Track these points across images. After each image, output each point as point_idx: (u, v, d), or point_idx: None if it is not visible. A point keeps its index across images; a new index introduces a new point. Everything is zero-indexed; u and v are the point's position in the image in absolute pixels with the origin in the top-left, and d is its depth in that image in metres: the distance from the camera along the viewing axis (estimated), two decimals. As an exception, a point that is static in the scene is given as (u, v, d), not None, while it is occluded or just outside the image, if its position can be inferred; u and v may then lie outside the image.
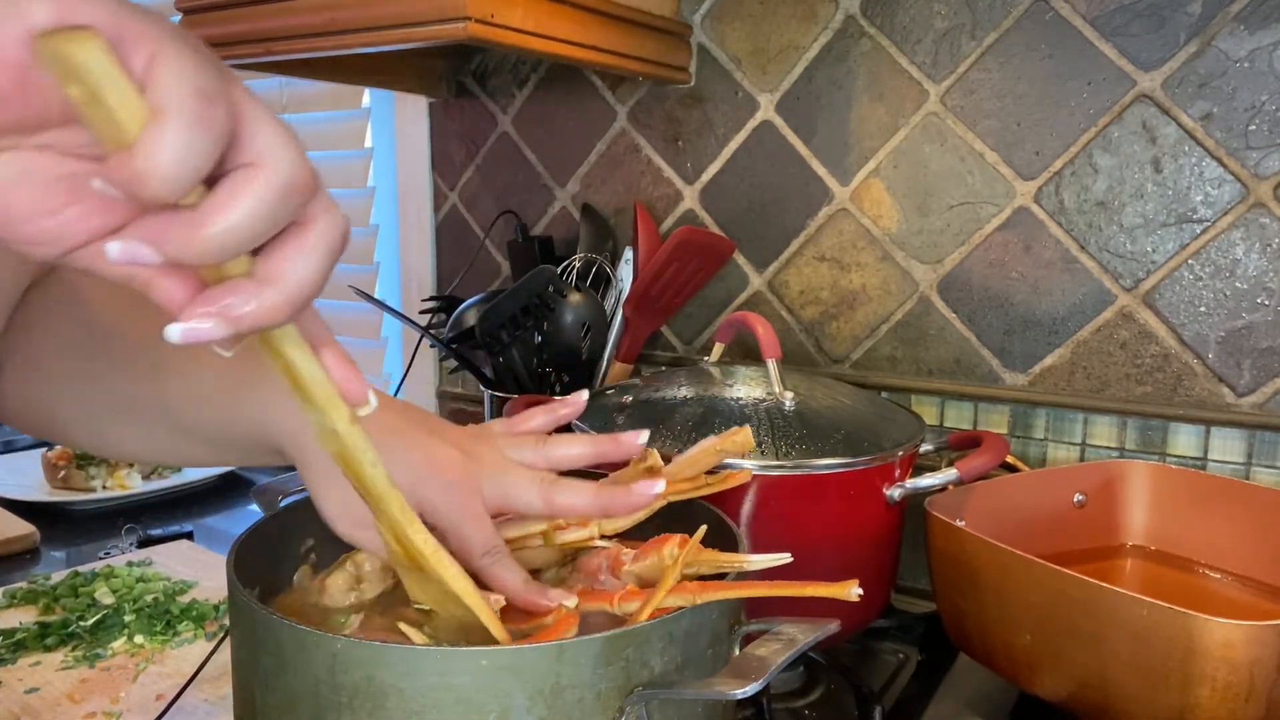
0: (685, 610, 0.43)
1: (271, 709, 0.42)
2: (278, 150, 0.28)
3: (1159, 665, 0.56)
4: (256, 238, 0.28)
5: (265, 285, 0.29)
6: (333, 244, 0.31)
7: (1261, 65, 0.80)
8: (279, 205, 0.28)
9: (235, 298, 0.29)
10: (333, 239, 0.31)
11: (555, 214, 1.23)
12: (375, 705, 0.39)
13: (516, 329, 1.02)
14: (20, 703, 0.72)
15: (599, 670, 0.40)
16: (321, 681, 0.40)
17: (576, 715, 0.40)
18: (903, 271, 0.98)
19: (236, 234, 0.27)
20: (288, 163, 0.28)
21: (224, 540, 1.11)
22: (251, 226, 0.27)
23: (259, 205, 0.27)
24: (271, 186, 0.28)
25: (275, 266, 0.30)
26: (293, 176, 0.28)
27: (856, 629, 0.80)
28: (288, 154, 0.28)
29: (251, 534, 0.51)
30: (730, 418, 0.74)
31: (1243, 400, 0.84)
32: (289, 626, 0.41)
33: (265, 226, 0.28)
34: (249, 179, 0.27)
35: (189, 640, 0.83)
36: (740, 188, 1.07)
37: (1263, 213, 0.81)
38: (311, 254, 0.30)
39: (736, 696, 0.40)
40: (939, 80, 0.94)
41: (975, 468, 0.73)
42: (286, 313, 0.30)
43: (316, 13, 0.87)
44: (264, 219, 0.28)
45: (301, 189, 0.29)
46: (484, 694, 0.39)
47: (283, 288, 0.30)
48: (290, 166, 0.28)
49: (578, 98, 1.18)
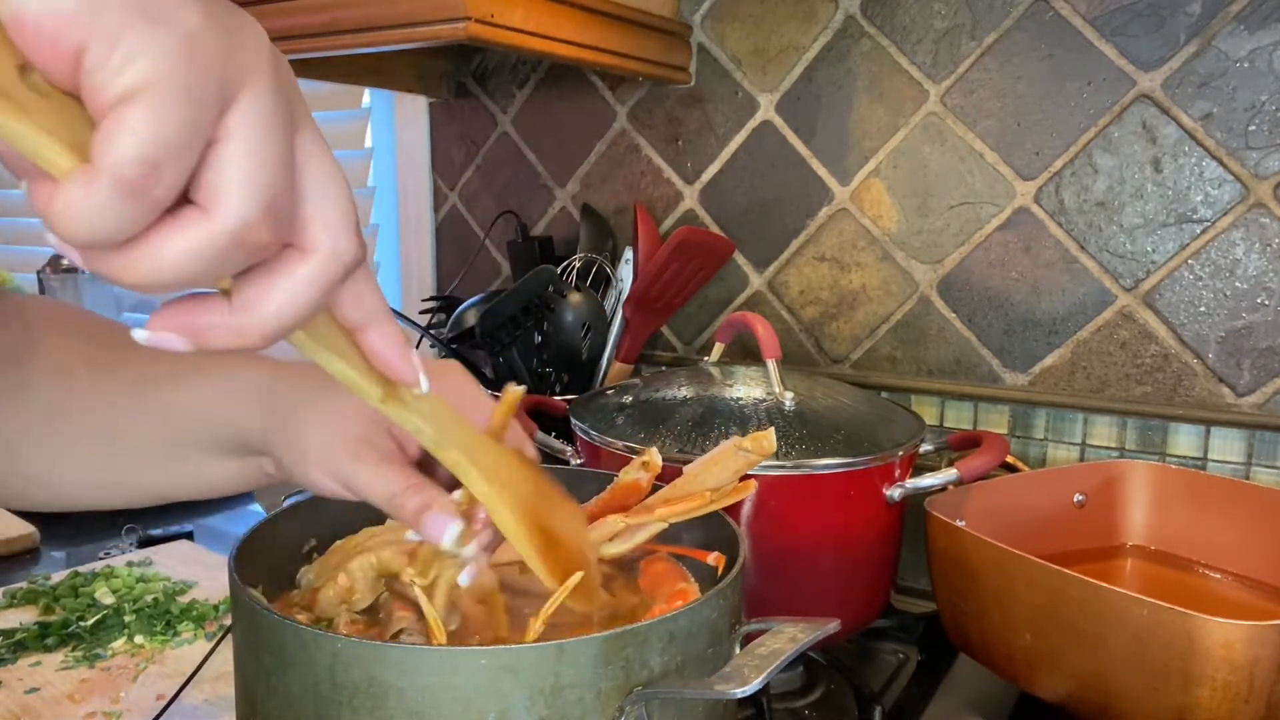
0: (684, 610, 0.43)
1: (273, 708, 0.42)
2: (233, 192, 0.24)
3: (1159, 665, 0.57)
4: (206, 278, 0.25)
5: (239, 310, 0.27)
6: (330, 280, 0.28)
7: (1261, 65, 0.80)
8: (228, 251, 0.25)
9: (206, 317, 0.27)
10: (328, 274, 0.28)
11: (555, 214, 1.23)
12: (375, 704, 0.39)
13: (516, 329, 1.02)
14: (20, 703, 0.72)
15: (598, 670, 0.40)
16: (322, 681, 0.40)
17: (576, 715, 0.40)
18: (903, 271, 0.98)
19: (178, 273, 0.24)
20: (239, 208, 0.25)
21: (224, 540, 1.11)
22: (192, 267, 0.24)
23: (202, 247, 0.24)
24: (215, 233, 0.25)
25: (254, 293, 0.27)
26: (244, 221, 0.25)
27: (856, 629, 0.80)
28: (245, 197, 0.25)
29: (253, 533, 0.51)
30: (730, 418, 0.74)
31: (1243, 400, 0.84)
32: (290, 625, 0.41)
33: (213, 269, 0.25)
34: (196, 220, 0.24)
35: (189, 640, 0.83)
36: (740, 188, 1.07)
37: (1263, 213, 0.81)
38: (298, 289, 0.27)
39: (736, 696, 0.40)
40: (939, 80, 0.94)
41: (975, 468, 0.73)
42: (260, 342, 0.28)
43: (317, 13, 0.87)
44: (207, 262, 0.25)
45: (257, 244, 0.25)
46: (484, 693, 0.39)
47: (256, 317, 0.27)
48: (241, 211, 0.24)
49: (578, 98, 1.18)
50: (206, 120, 0.23)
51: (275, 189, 0.25)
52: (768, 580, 0.72)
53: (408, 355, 0.34)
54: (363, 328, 0.32)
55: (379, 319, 0.32)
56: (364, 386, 0.34)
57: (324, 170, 0.28)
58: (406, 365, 0.34)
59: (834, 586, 0.75)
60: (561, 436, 0.82)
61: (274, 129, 0.25)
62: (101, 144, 0.22)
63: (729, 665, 0.42)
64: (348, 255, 0.28)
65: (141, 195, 0.23)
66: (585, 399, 0.85)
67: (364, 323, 0.32)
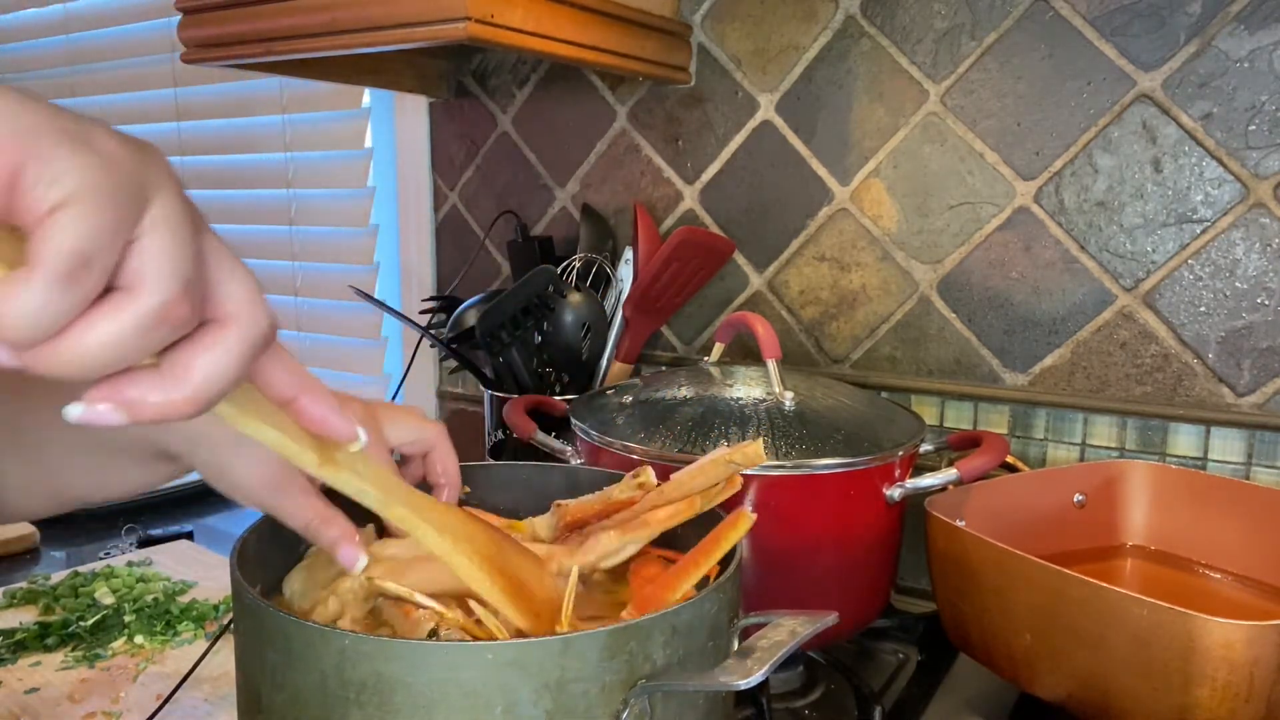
0: (686, 604, 0.44)
1: (278, 705, 0.42)
2: (154, 273, 0.27)
3: (1159, 665, 0.57)
4: (134, 354, 0.27)
5: (169, 380, 0.29)
6: (246, 346, 0.30)
7: (1261, 65, 0.80)
8: (154, 326, 0.27)
9: (137, 390, 0.29)
10: (247, 340, 0.30)
11: (555, 214, 1.23)
12: (382, 700, 0.39)
13: (516, 329, 1.02)
14: (20, 703, 0.72)
15: (603, 663, 0.40)
16: (329, 677, 0.40)
17: (581, 708, 0.40)
18: (903, 271, 0.98)
19: (109, 350, 0.27)
20: (161, 285, 0.27)
21: (224, 540, 1.11)
22: (121, 344, 0.27)
23: (130, 323, 0.27)
24: (141, 309, 0.27)
25: (180, 363, 0.29)
26: (167, 295, 0.27)
27: (856, 629, 0.80)
28: (165, 276, 0.27)
29: (254, 532, 0.51)
30: (730, 418, 0.74)
31: (1243, 400, 0.84)
32: (296, 623, 0.41)
33: (140, 345, 0.27)
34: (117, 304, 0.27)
35: (189, 640, 0.83)
36: (740, 188, 1.07)
37: (1263, 213, 0.81)
38: (221, 354, 0.29)
39: (740, 686, 0.41)
40: (939, 80, 0.94)
41: (975, 468, 0.73)
42: (191, 409, 0.29)
43: (316, 13, 0.87)
44: (134, 337, 0.27)
45: (179, 318, 0.28)
46: (490, 687, 0.39)
47: (188, 386, 0.29)
48: (163, 287, 0.27)
49: (578, 98, 1.18)
50: (128, 219, 0.26)
51: (189, 271, 0.28)
52: (768, 580, 0.72)
53: (342, 413, 0.36)
54: (294, 397, 0.35)
55: (307, 385, 0.35)
56: (298, 452, 0.36)
57: (228, 259, 0.31)
58: (342, 422, 0.36)
59: (834, 586, 0.75)
60: (561, 437, 0.82)
61: (184, 223, 0.28)
62: (39, 243, 0.25)
63: (731, 657, 0.43)
64: (262, 321, 0.31)
65: (75, 285, 0.25)
66: (585, 399, 0.85)
67: (293, 392, 0.35)
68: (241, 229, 1.58)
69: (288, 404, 0.35)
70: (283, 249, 1.52)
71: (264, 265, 1.55)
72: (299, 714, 0.41)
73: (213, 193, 1.61)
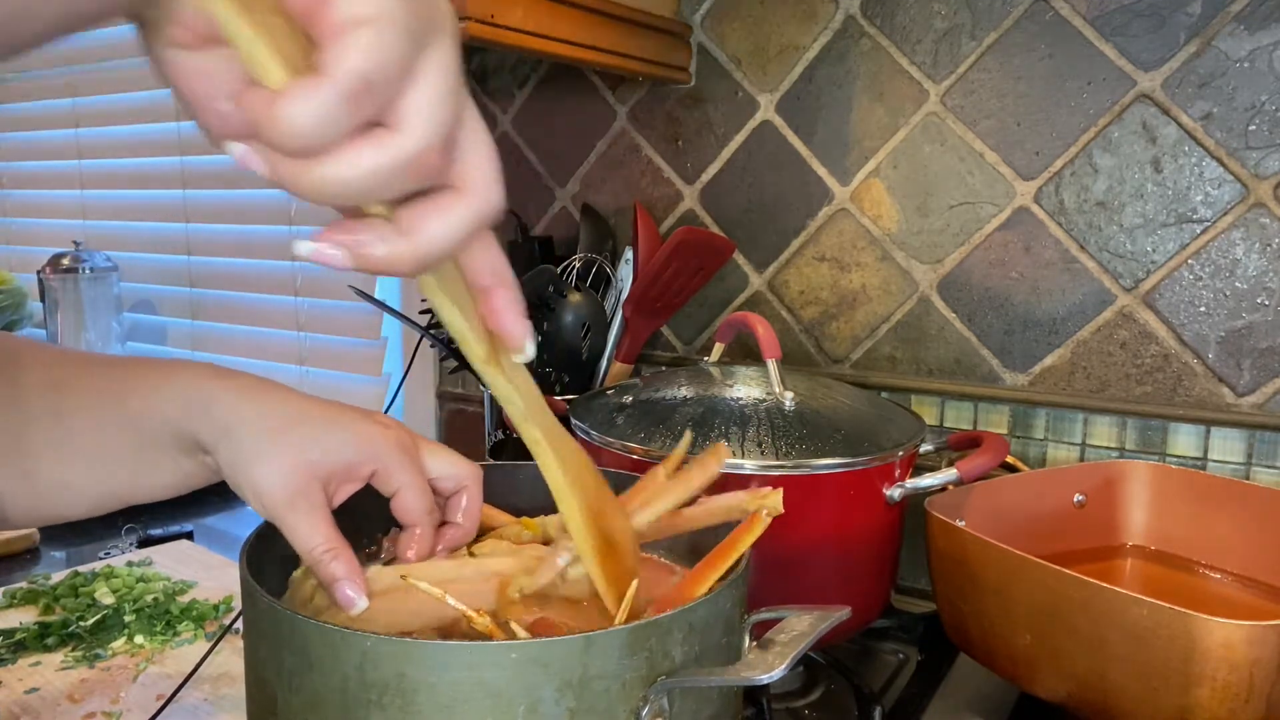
0: (702, 601, 0.44)
1: (295, 707, 0.42)
2: (422, 118, 0.28)
3: (1159, 665, 0.57)
4: (382, 191, 0.29)
5: (400, 235, 0.30)
6: (476, 218, 0.31)
7: (1261, 65, 0.80)
8: (406, 169, 0.28)
9: (369, 236, 0.30)
10: (479, 213, 0.31)
11: (555, 214, 1.23)
12: (406, 701, 0.39)
13: (516, 329, 1.02)
14: (20, 703, 0.72)
15: (624, 660, 0.41)
16: (350, 679, 0.40)
17: (603, 705, 0.41)
18: (903, 271, 0.98)
19: (362, 183, 0.28)
20: (424, 132, 0.28)
21: (224, 540, 1.11)
22: (374, 179, 0.28)
23: (388, 161, 0.28)
24: (401, 150, 0.28)
25: (415, 219, 0.30)
26: (427, 144, 0.28)
27: (857, 629, 0.80)
28: (430, 124, 0.28)
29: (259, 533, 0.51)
30: (730, 418, 0.74)
31: (1243, 400, 0.84)
32: (317, 626, 0.41)
33: (390, 184, 0.28)
34: (381, 140, 0.28)
35: (189, 640, 0.83)
36: (740, 188, 1.07)
37: (1263, 213, 0.81)
38: (453, 220, 0.31)
39: (763, 680, 0.41)
40: (939, 80, 0.94)
41: (975, 468, 0.73)
42: (412, 266, 0.31)
43: (316, 13, 0.87)
44: (387, 175, 0.28)
45: (429, 168, 0.29)
46: (514, 686, 0.39)
47: (414, 242, 0.30)
48: (426, 135, 0.28)
49: (578, 98, 1.18)
50: (414, 56, 0.27)
51: (450, 125, 0.29)
52: (768, 580, 0.72)
53: (525, 322, 0.37)
54: (491, 289, 0.36)
55: (507, 284, 0.37)
56: (472, 342, 0.37)
57: (478, 128, 0.32)
58: (522, 324, 0.37)
59: (834, 586, 0.75)
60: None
61: (455, 74, 0.29)
62: (333, 56, 0.25)
63: (751, 652, 0.43)
64: (496, 199, 0.32)
65: (355, 107, 0.26)
66: (585, 399, 0.85)
67: (493, 284, 0.36)
68: (241, 229, 1.58)
69: (482, 292, 0.36)
70: (283, 249, 1.52)
71: (264, 265, 1.55)
72: (318, 717, 0.41)
73: (213, 192, 1.61)
